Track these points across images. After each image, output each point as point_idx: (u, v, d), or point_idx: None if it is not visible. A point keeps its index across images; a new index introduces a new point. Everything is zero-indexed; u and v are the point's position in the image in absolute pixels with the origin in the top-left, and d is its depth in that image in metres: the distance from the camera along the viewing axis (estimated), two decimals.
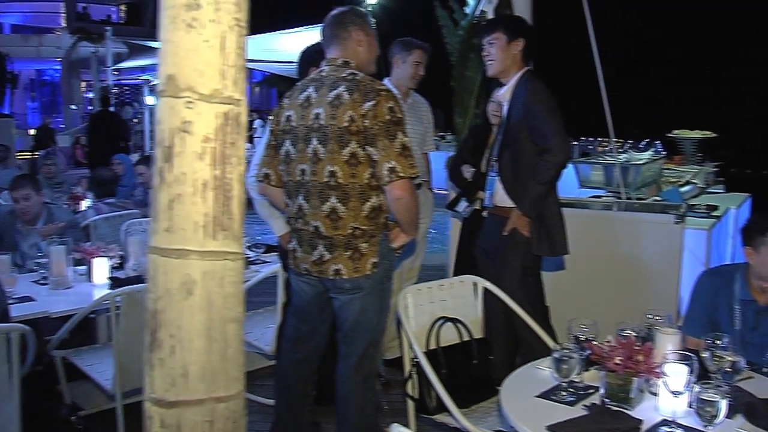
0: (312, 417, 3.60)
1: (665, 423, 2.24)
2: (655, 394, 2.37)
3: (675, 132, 7.62)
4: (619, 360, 2.35)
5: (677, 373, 2.21)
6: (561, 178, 3.72)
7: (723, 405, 2.07)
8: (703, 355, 2.41)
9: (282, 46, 10.79)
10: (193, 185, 1.20)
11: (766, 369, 2.72)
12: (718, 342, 2.44)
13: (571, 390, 2.48)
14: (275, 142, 3.27)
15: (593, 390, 2.48)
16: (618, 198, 5.49)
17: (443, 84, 5.59)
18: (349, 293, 3.13)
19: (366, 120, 2.94)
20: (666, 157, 7.05)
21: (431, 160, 5.00)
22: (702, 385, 2.13)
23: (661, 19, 24.72)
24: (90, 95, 22.69)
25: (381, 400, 3.59)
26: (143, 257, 4.32)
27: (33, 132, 20.19)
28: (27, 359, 3.16)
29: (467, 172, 4.50)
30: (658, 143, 7.11)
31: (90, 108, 21.62)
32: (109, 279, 4.17)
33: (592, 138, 9.80)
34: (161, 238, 1.21)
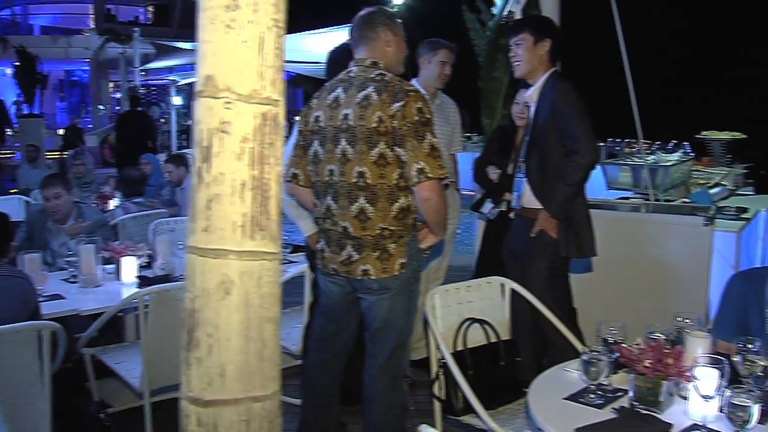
0: (338, 417, 3.61)
1: (696, 427, 2.21)
2: (685, 398, 2.34)
3: (704, 133, 7.55)
4: (649, 363, 2.32)
5: (708, 377, 2.19)
6: (589, 179, 3.70)
7: (755, 410, 2.04)
8: (734, 359, 2.38)
9: (308, 46, 10.82)
10: (232, 185, 1.20)
11: None
12: (749, 346, 2.41)
13: (600, 393, 2.46)
14: (303, 142, 3.28)
15: (622, 393, 2.46)
16: (646, 200, 5.45)
17: (471, 85, 5.58)
18: (377, 293, 3.13)
19: (395, 121, 2.93)
20: (695, 159, 6.99)
21: (458, 160, 4.99)
22: (733, 390, 2.10)
23: (691, 18, 24.46)
24: (117, 95, 22.88)
25: (407, 400, 3.57)
26: (171, 256, 4.36)
27: (62, 132, 20.40)
28: (57, 356, 3.18)
29: (493, 173, 4.49)
30: (686, 144, 7.05)
31: (117, 108, 21.81)
32: (138, 278, 4.20)
33: (619, 139, 9.70)
34: (199, 237, 1.22)
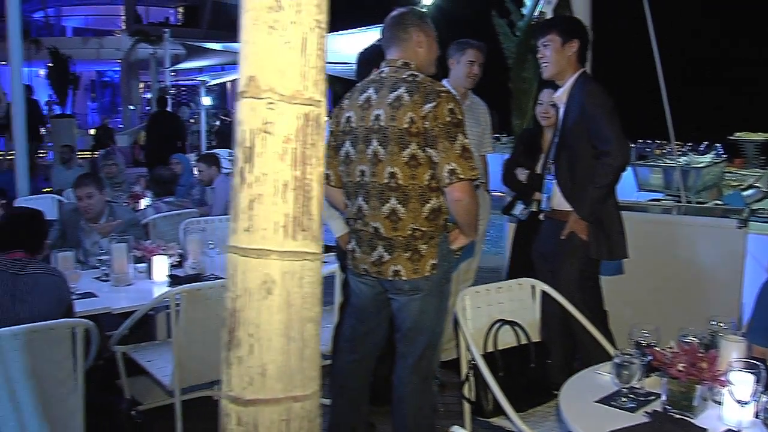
0: (368, 417, 3.61)
1: None
2: (720, 402, 2.31)
3: (736, 134, 7.47)
4: (682, 367, 2.30)
5: (743, 382, 2.16)
6: (619, 181, 3.67)
7: None
8: None
9: (337, 47, 10.84)
10: (274, 186, 1.21)
11: None
12: None
13: (632, 396, 2.44)
14: (335, 142, 3.29)
15: (654, 397, 2.44)
16: (678, 201, 5.41)
17: (501, 86, 5.56)
18: (408, 294, 3.13)
19: (426, 121, 2.93)
20: (727, 160, 6.92)
21: (488, 161, 4.97)
22: None
23: (725, 18, 24.22)
24: (148, 96, 23.11)
25: (437, 401, 3.57)
26: (202, 256, 4.39)
27: (93, 132, 20.63)
28: (90, 354, 3.21)
29: (521, 174, 4.47)
30: (718, 146, 6.98)
31: (148, 108, 22.02)
32: (169, 277, 4.23)
33: (650, 140, 9.63)
34: (241, 237, 1.23)
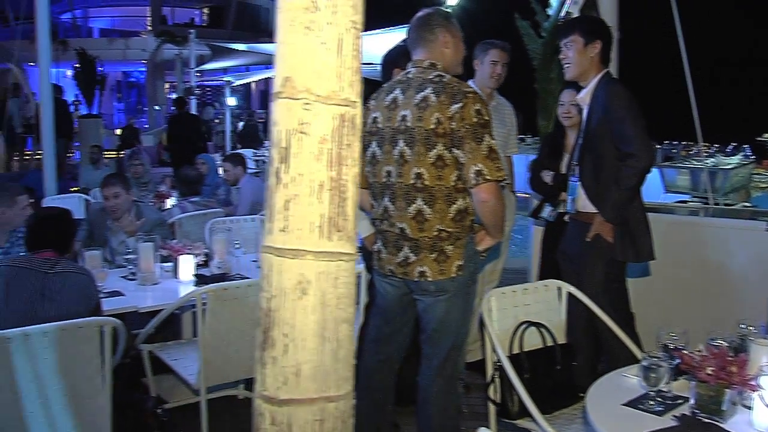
0: (392, 418, 3.61)
1: None
2: (749, 407, 2.28)
3: (765, 135, 7.40)
4: (711, 370, 2.27)
5: None
6: (645, 182, 3.64)
7: None
8: None
9: (363, 47, 10.83)
10: (310, 186, 1.21)
11: None
12: None
13: (660, 399, 2.42)
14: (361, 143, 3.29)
15: (682, 400, 2.41)
16: (705, 203, 5.36)
17: (527, 86, 5.54)
18: (434, 295, 3.13)
19: (453, 122, 2.93)
20: (755, 162, 6.85)
21: (513, 162, 4.96)
22: None
23: (753, 18, 23.98)
24: (173, 96, 23.27)
25: (462, 402, 3.56)
26: (228, 255, 4.40)
27: (119, 132, 20.79)
28: (117, 352, 3.23)
29: (547, 176, 4.45)
30: (746, 147, 6.92)
31: (173, 108, 22.17)
32: (195, 276, 4.25)
33: (676, 141, 9.55)
34: (276, 238, 1.23)
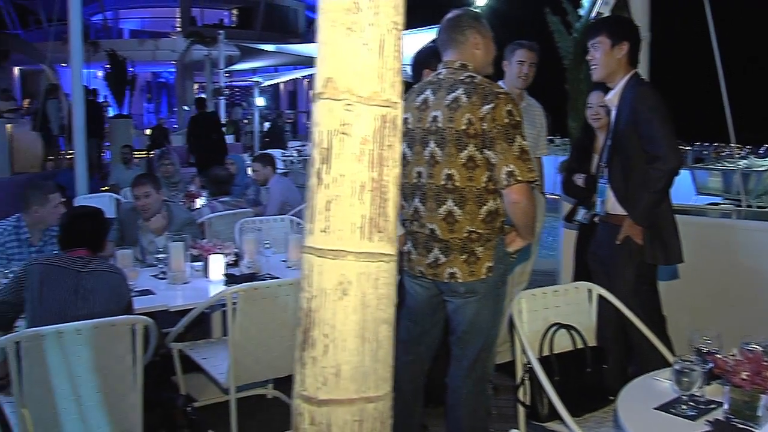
0: (421, 419, 3.61)
1: None
2: None
3: None
4: (746, 375, 2.25)
5: None
6: (674, 184, 3.61)
7: None
8: None
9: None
10: (351, 187, 1.21)
11: None
12: None
13: (692, 404, 2.38)
14: None
15: (715, 405, 2.38)
16: (737, 206, 5.29)
17: (557, 87, 5.52)
18: (464, 297, 3.12)
19: (484, 123, 2.92)
20: None
21: (543, 163, 4.94)
22: None
23: None
24: (202, 96, 23.43)
25: (491, 404, 3.55)
26: (257, 255, 4.42)
27: (149, 132, 20.96)
28: (148, 350, 3.26)
29: (579, 179, 4.42)
30: None
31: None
32: (225, 276, 4.27)
33: (707, 143, 9.45)
34: (317, 238, 1.23)
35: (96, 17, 31.32)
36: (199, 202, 7.06)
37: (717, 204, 5.74)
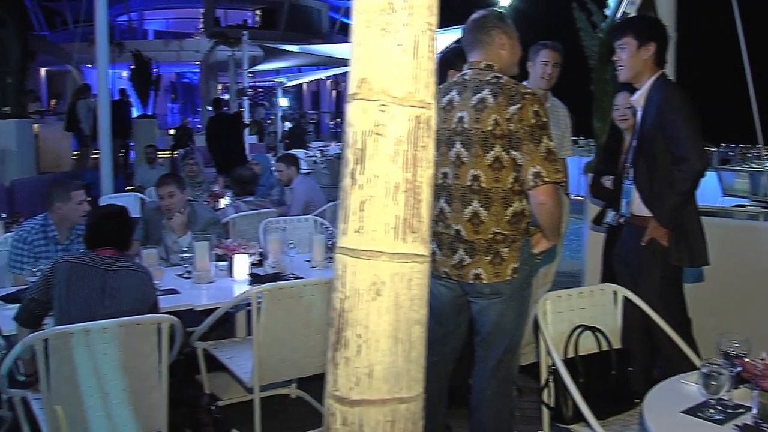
0: (445, 420, 3.60)
1: None
2: None
3: None
4: None
5: None
6: (699, 186, 3.57)
7: None
8: None
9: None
10: (385, 187, 1.22)
11: None
12: None
13: (720, 408, 2.36)
14: None
15: (744, 410, 2.35)
16: (765, 208, 5.24)
17: (583, 88, 5.49)
18: (489, 298, 3.12)
19: (511, 124, 2.91)
20: None
21: (567, 164, 4.91)
22: None
23: None
24: (226, 96, 23.51)
25: (515, 406, 3.54)
26: (282, 255, 4.43)
27: (173, 132, 21.07)
28: (174, 349, 3.28)
29: (607, 181, 4.39)
30: None
31: (225, 108, 22.39)
32: (249, 275, 4.28)
33: (733, 144, 9.36)
34: (351, 239, 1.23)
35: (121, 18, 31.59)
36: (223, 201, 7.10)
37: (744, 206, 5.68)
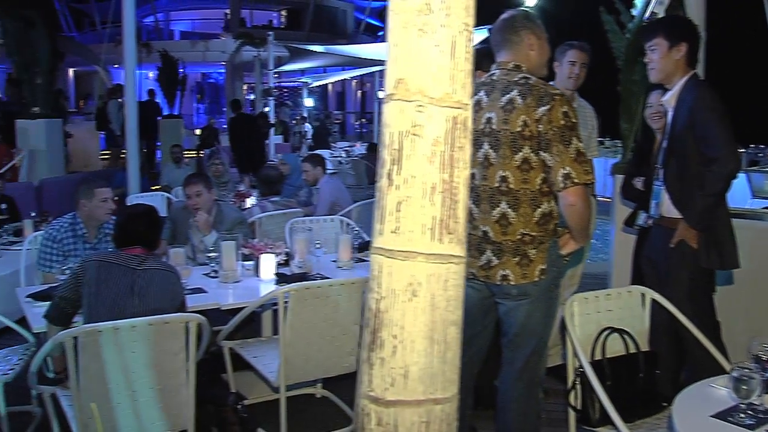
0: (471, 421, 3.59)
1: None
2: None
3: None
4: None
5: None
6: (730, 188, 3.53)
7: None
8: None
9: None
10: (422, 188, 1.21)
11: None
12: None
13: (751, 413, 2.33)
14: None
15: None
16: None
17: (610, 88, 5.45)
18: (516, 299, 3.11)
19: (540, 125, 2.90)
20: None
21: (593, 166, 4.87)
22: None
23: None
24: (251, 97, 23.56)
25: (541, 408, 3.52)
26: (308, 255, 4.44)
27: (198, 132, 21.18)
28: (201, 348, 3.29)
29: (638, 182, 4.35)
30: None
31: (251, 109, 22.46)
32: (276, 275, 4.29)
33: (762, 145, 9.24)
34: (387, 239, 1.23)
35: (148, 19, 31.81)
36: (249, 201, 7.12)
37: None
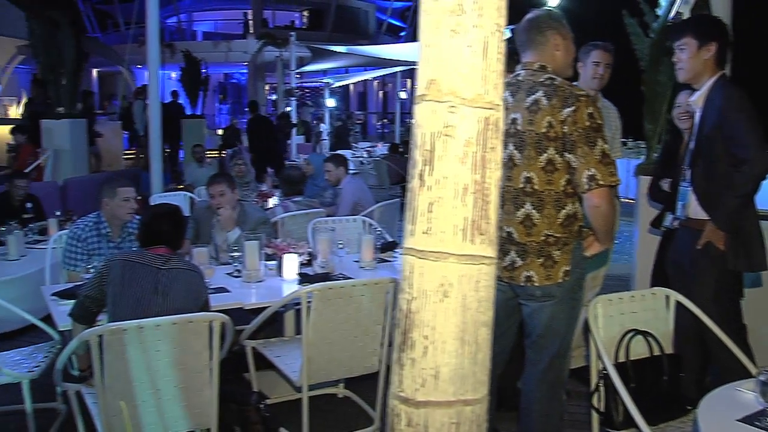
0: (493, 423, 3.58)
1: None
2: None
3: None
4: None
5: None
6: (759, 189, 3.49)
7: None
8: None
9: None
10: (454, 189, 1.21)
11: None
12: None
13: None
14: None
15: None
16: None
17: (633, 89, 5.41)
18: (540, 300, 3.09)
19: (565, 126, 2.89)
20: None
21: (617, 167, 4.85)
22: None
23: None
24: (273, 97, 23.62)
25: (564, 410, 3.51)
26: (331, 255, 4.45)
27: (221, 132, 21.29)
28: (224, 347, 3.30)
29: (665, 184, 4.32)
30: None
31: (272, 110, 22.53)
32: (299, 275, 4.30)
33: None
34: (419, 240, 1.23)
35: (171, 20, 32.05)
36: (272, 201, 7.14)
37: None
